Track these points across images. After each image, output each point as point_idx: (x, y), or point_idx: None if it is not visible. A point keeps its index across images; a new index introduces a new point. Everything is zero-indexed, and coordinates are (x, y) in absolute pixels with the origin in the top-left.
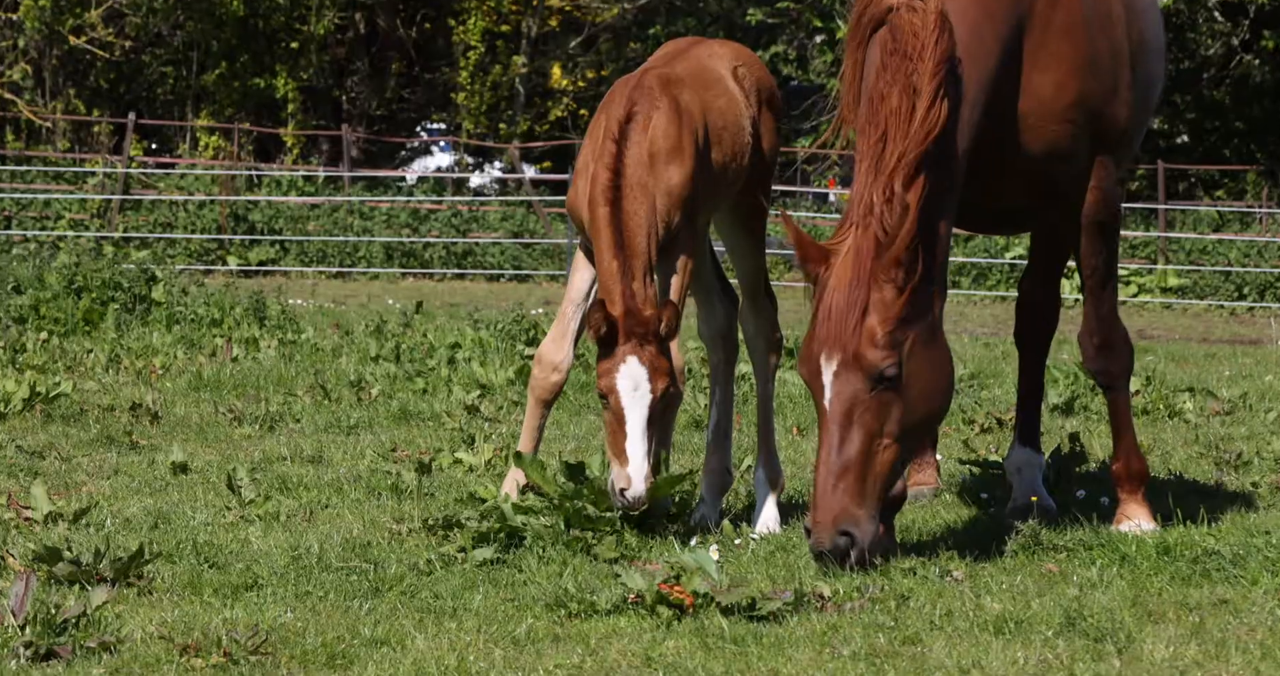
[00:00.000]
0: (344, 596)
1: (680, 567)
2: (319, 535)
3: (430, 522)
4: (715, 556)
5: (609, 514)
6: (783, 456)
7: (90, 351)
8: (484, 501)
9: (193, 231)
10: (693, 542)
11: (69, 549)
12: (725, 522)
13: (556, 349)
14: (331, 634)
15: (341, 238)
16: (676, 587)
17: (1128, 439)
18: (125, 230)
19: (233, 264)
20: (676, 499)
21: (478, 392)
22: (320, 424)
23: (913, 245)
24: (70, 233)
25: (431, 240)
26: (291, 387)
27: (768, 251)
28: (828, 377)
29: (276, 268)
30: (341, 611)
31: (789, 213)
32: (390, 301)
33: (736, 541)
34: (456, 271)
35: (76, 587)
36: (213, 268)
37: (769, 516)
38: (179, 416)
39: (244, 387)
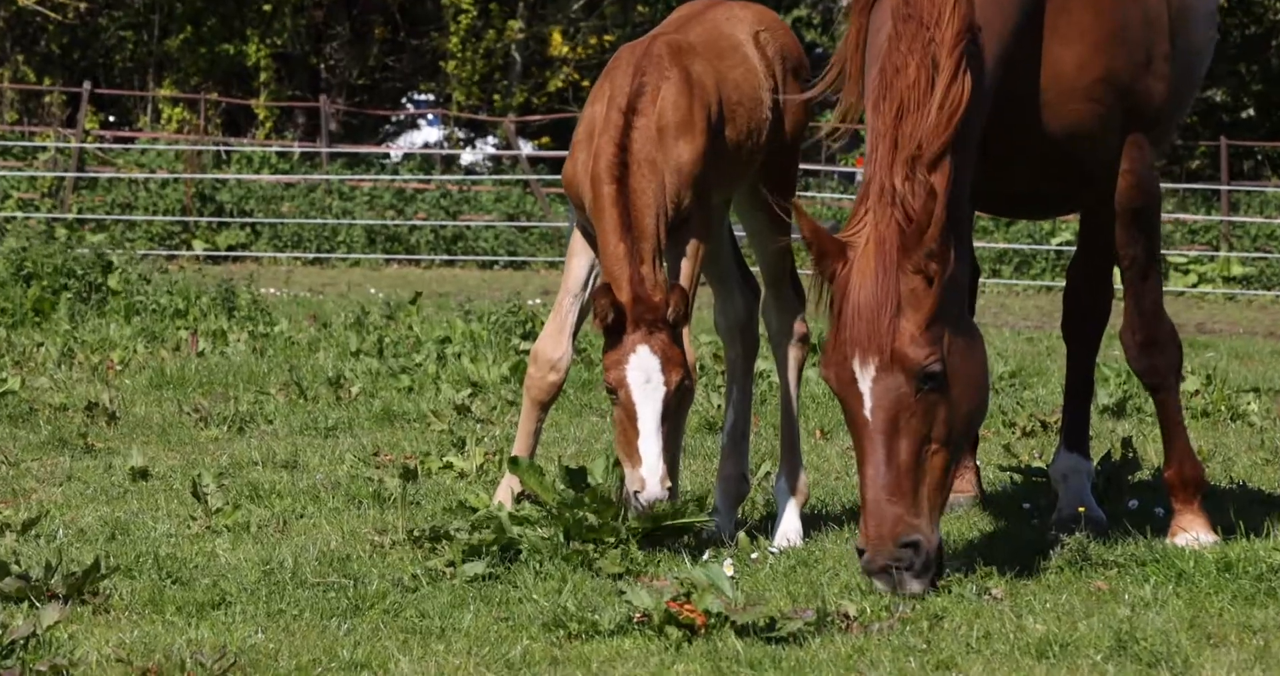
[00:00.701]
0: (321, 615)
1: (691, 584)
2: (293, 548)
3: (416, 534)
4: (730, 572)
5: (613, 524)
6: (805, 462)
7: (41, 345)
8: (475, 511)
9: (154, 213)
10: (705, 557)
11: (17, 562)
12: (741, 535)
13: (554, 345)
14: (307, 656)
15: (319, 220)
16: (687, 606)
17: (1180, 443)
18: (80, 211)
19: (198, 249)
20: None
21: (469, 391)
22: (295, 425)
23: (941, 230)
24: (19, 213)
25: (418, 223)
26: (263, 385)
27: (794, 236)
28: (865, 384)
29: (247, 253)
30: (318, 631)
31: (800, 200)
32: (373, 291)
33: (753, 555)
34: (446, 258)
35: (25, 605)
36: (176, 253)
37: (790, 528)
38: (139, 417)
39: (211, 385)
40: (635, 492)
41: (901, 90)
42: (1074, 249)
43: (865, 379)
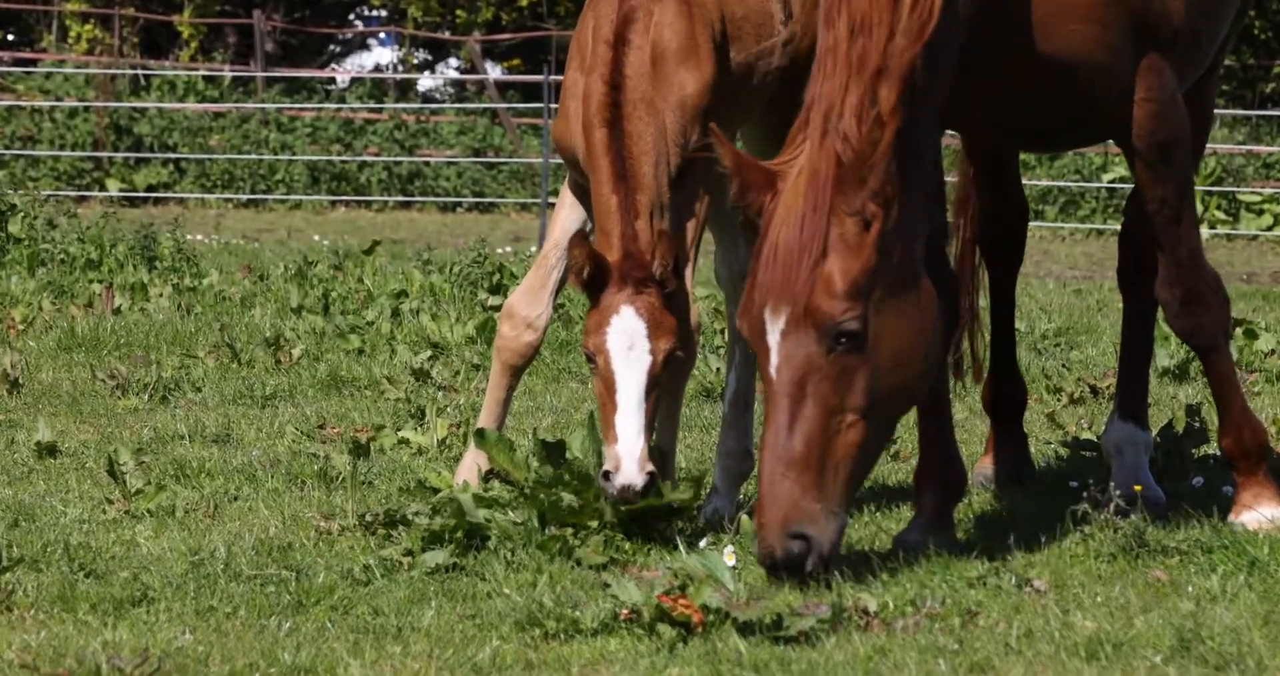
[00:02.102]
0: (258, 613)
1: (687, 576)
2: (226, 535)
3: (368, 519)
4: (731, 561)
5: (596, 506)
6: None
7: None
8: (436, 491)
9: (62, 147)
10: (703, 543)
11: None
12: (744, 518)
13: (531, 301)
14: (242, 660)
15: (253, 156)
16: (682, 600)
17: (1236, 406)
18: None
19: (113, 189)
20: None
21: (428, 354)
22: (227, 393)
23: (887, 165)
24: None
25: (369, 159)
26: (190, 347)
27: None
28: (774, 337)
29: (170, 194)
30: (255, 632)
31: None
32: (316, 238)
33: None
34: (401, 199)
35: None
36: (88, 193)
37: None
38: (45, 384)
39: (129, 347)
40: (606, 473)
41: (859, 2)
42: (1129, 186)
43: (774, 331)
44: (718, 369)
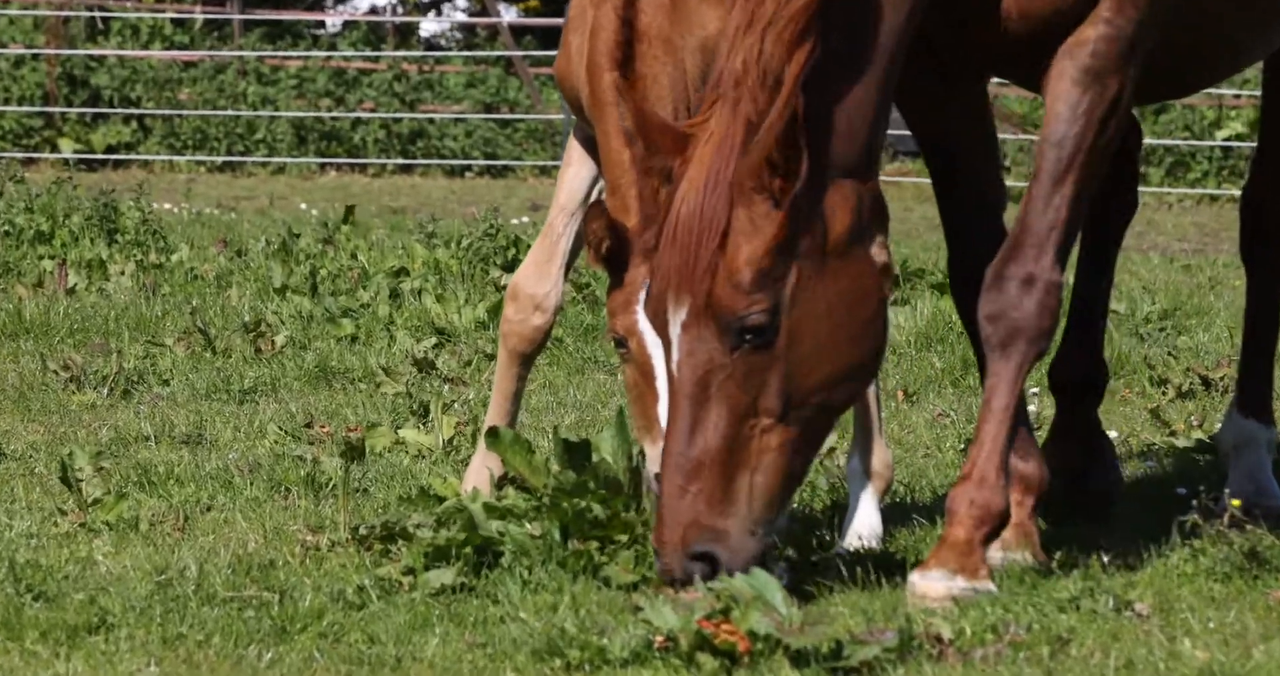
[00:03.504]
0: (235, 641)
1: (731, 597)
2: (197, 551)
3: (363, 533)
4: (783, 579)
5: (626, 516)
6: (885, 432)
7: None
8: (441, 500)
9: (7, 102)
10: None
11: None
12: (798, 530)
13: (539, 277)
14: None
15: (229, 112)
16: (725, 626)
17: None
18: None
19: (67, 150)
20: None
21: (432, 341)
22: (199, 387)
23: (791, 132)
24: None
25: (364, 115)
26: (156, 334)
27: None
28: (674, 330)
29: (133, 156)
30: (231, 663)
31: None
32: (303, 206)
33: (815, 558)
34: (401, 162)
35: None
36: (37, 155)
37: (865, 522)
38: None
39: (85, 333)
40: (656, 476)
41: None
42: (1248, 144)
43: (675, 324)
44: None
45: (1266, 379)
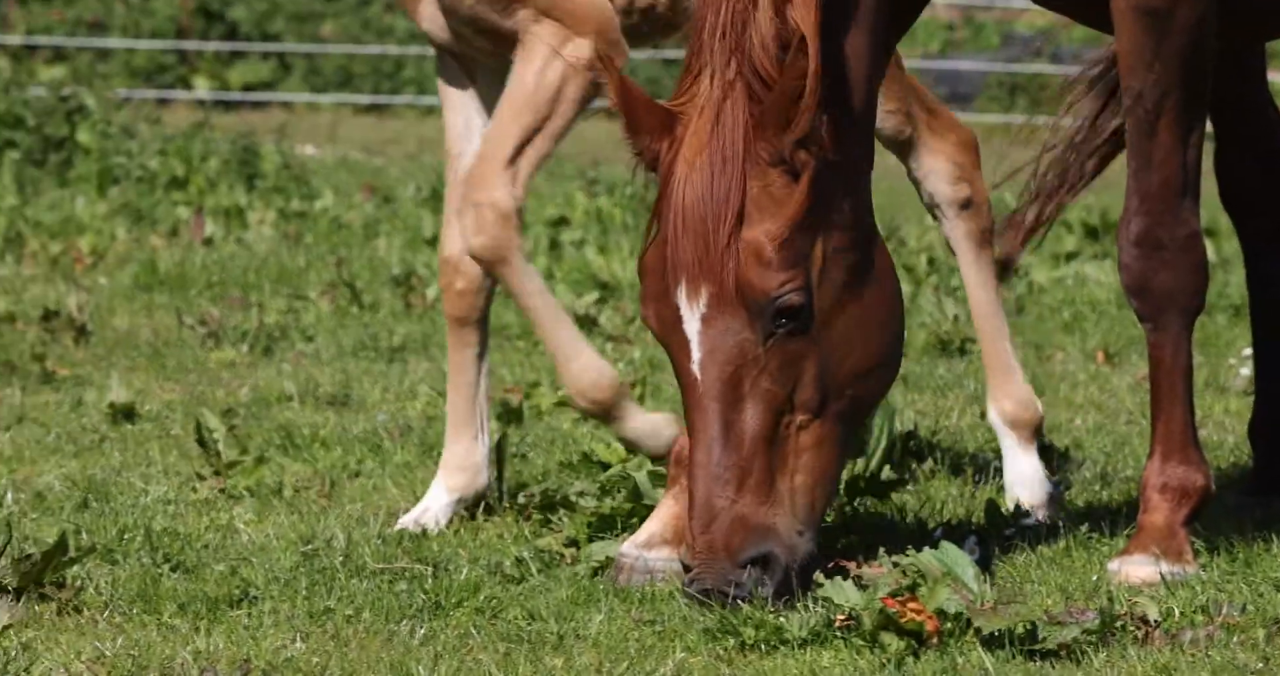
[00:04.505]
0: (386, 616)
1: (918, 573)
2: (345, 520)
3: (522, 501)
4: (974, 554)
5: None
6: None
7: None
8: (606, 467)
9: (136, 35)
10: (937, 532)
11: None
12: (989, 497)
13: (453, 237)
14: (366, 674)
15: (376, 48)
16: (912, 605)
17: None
18: (29, 31)
19: (202, 89)
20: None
21: (595, 295)
22: (346, 344)
23: (817, 100)
24: None
25: None
26: (299, 286)
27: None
28: (693, 326)
29: (272, 95)
30: (381, 639)
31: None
32: (311, 149)
33: (1009, 530)
34: None
35: None
36: (170, 95)
37: (1020, 474)
38: (120, 332)
39: (223, 286)
40: None
41: None
42: None
43: (693, 318)
44: (955, 315)
45: None
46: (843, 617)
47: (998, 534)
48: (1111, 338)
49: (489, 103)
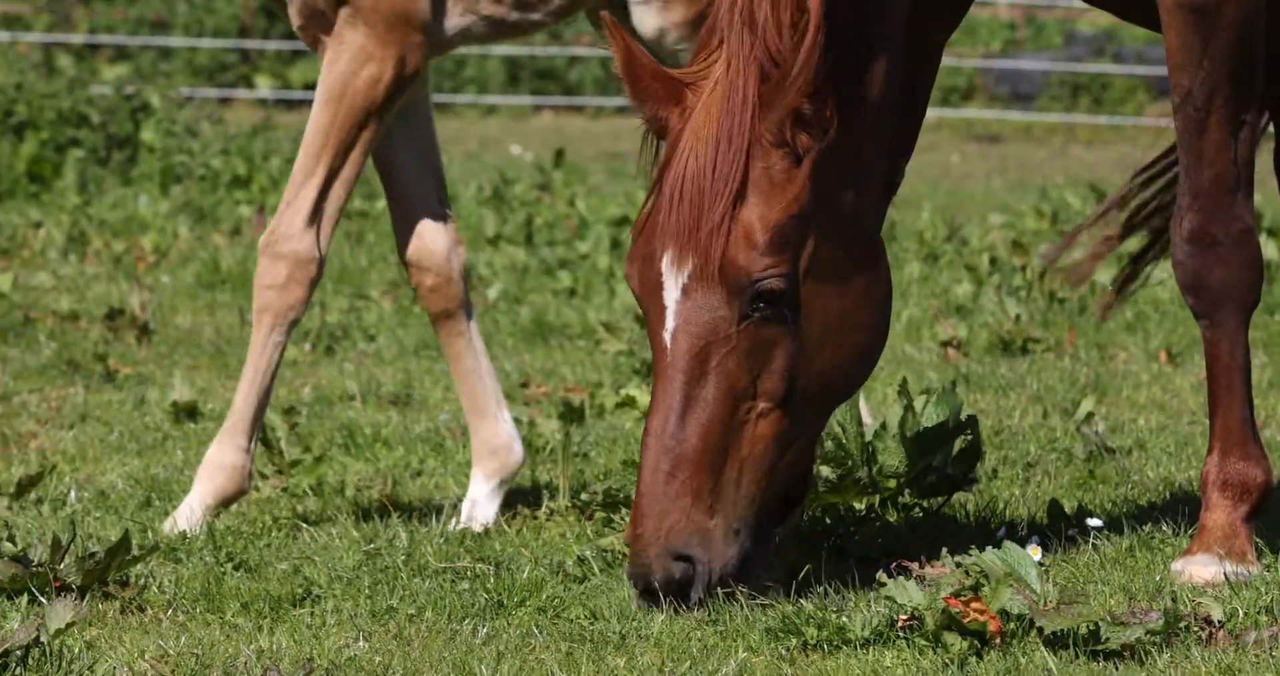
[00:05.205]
0: (448, 615)
1: (981, 573)
2: (407, 519)
3: (584, 499)
4: (1038, 555)
5: (863, 476)
6: (1145, 395)
7: (39, 226)
8: None
9: (199, 34)
10: (1000, 533)
11: (11, 540)
12: (1050, 498)
13: (405, 238)
14: (429, 673)
15: None
16: (975, 605)
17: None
18: (92, 29)
19: (265, 88)
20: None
21: None
22: (408, 343)
23: (819, 80)
24: (3, 33)
25: (581, 52)
26: (361, 286)
27: None
28: (672, 295)
29: None
30: (444, 638)
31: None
32: (516, 150)
33: (1071, 531)
34: (622, 102)
35: (24, 600)
36: (233, 93)
37: None
38: (182, 330)
39: None
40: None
41: None
42: None
43: (673, 287)
44: (1017, 315)
45: None
46: (905, 618)
47: (1063, 534)
48: (1174, 338)
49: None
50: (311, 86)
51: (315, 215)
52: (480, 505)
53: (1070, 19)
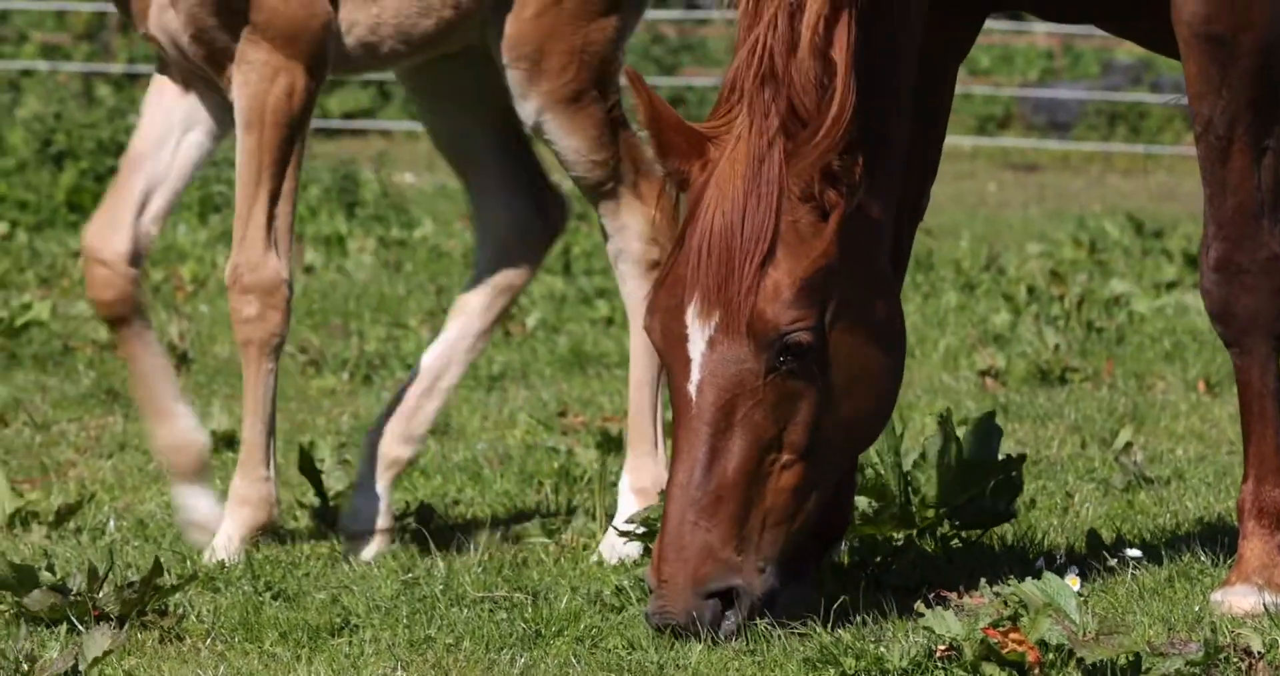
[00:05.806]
0: (486, 645)
1: (1020, 604)
2: (445, 548)
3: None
4: (1076, 586)
5: (901, 510)
6: (1184, 426)
7: (78, 255)
8: None
9: None
10: (1038, 563)
11: (50, 568)
12: (1089, 528)
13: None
14: None
15: None
16: (1013, 635)
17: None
18: (131, 59)
19: None
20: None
21: None
22: None
23: (848, 135)
24: (42, 64)
25: (660, 81)
26: (399, 315)
27: None
28: (698, 347)
29: (372, 123)
30: (482, 668)
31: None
32: (555, 178)
33: (1110, 562)
34: None
35: (63, 629)
36: None
37: None
38: (221, 359)
39: (324, 315)
40: None
41: None
42: None
43: (699, 339)
44: (1055, 345)
45: None
46: (944, 648)
47: (1103, 565)
48: (1213, 367)
49: (197, 120)
50: (350, 115)
51: (269, 239)
52: (229, 546)
53: (1108, 48)
